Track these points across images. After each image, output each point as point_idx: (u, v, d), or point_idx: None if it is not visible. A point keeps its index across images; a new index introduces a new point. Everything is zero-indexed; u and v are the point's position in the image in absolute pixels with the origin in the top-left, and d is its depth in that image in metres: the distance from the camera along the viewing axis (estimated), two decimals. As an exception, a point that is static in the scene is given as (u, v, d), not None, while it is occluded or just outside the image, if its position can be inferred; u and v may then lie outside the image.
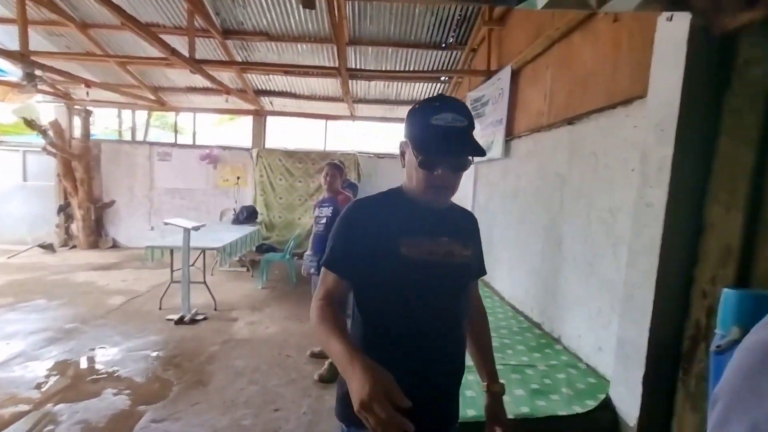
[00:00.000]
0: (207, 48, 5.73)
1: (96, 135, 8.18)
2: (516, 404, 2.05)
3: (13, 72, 6.35)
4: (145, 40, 3.89)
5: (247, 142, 8.06)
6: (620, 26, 2.40)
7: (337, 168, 3.06)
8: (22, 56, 4.34)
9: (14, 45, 5.18)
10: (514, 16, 4.23)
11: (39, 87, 6.50)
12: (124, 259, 6.74)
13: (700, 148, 1.68)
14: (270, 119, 8.17)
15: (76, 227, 7.59)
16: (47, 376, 2.78)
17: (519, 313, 3.53)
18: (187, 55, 4.55)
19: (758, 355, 0.40)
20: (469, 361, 1.16)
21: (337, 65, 5.18)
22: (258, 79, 6.80)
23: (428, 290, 0.99)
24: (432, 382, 1.00)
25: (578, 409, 2.00)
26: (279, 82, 6.83)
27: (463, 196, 5.62)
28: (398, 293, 0.99)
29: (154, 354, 3.19)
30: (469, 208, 5.12)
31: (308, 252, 3.06)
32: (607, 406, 1.99)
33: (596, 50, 2.67)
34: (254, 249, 6.39)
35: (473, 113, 5.23)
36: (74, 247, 7.60)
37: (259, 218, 7.04)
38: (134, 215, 7.88)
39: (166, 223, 4.11)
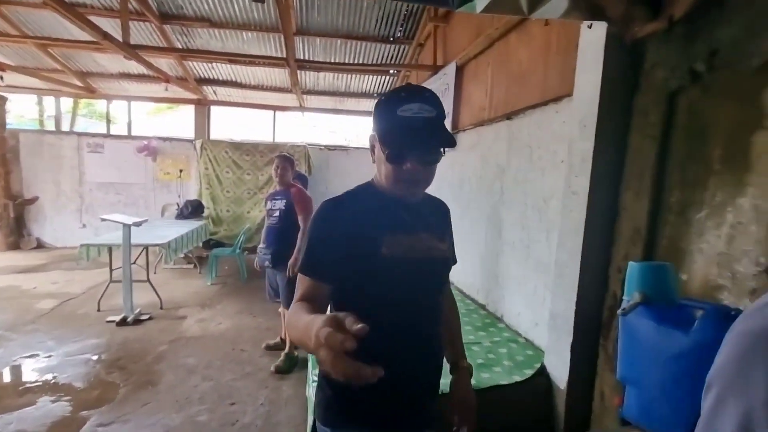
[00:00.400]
0: (143, 33, 5.37)
1: (12, 124, 7.35)
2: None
3: None
4: (72, 22, 3.58)
5: (189, 133, 7.67)
6: (551, 29, 2.63)
7: (287, 160, 3.05)
8: None
9: None
10: (458, 14, 4.41)
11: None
12: (52, 260, 6.19)
13: (615, 142, 1.91)
14: (215, 110, 7.83)
15: (-8, 227, 6.82)
16: (-30, 389, 2.55)
17: (466, 296, 3.76)
18: (120, 39, 4.24)
19: (748, 343, 0.41)
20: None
21: (284, 55, 5.09)
22: (200, 67, 6.49)
23: (411, 289, 0.96)
24: (418, 381, 0.99)
25: (517, 378, 2.21)
26: (223, 70, 6.56)
27: (413, 188, 5.79)
28: (380, 295, 0.93)
29: (95, 357, 3.02)
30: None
31: (261, 245, 3.04)
32: (542, 373, 2.22)
33: (531, 50, 2.89)
34: (201, 245, 6.15)
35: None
36: (-10, 249, 6.83)
37: (206, 212, 6.77)
38: (62, 212, 7.23)
39: (102, 219, 3.85)
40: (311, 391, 2.12)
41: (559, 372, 2.12)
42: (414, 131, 0.88)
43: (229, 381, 2.74)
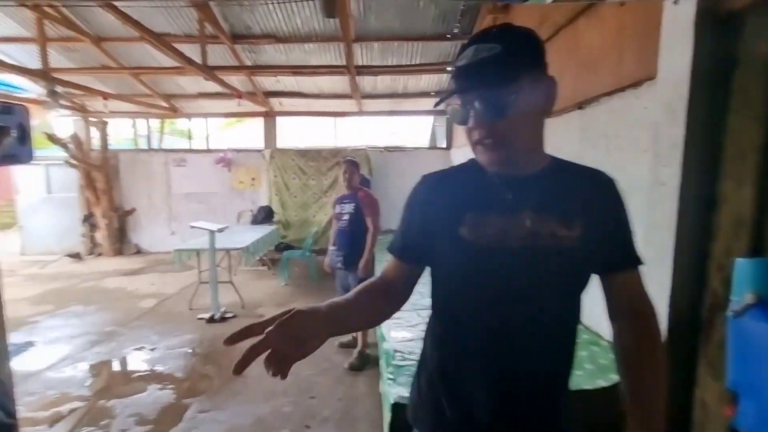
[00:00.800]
0: (217, 54, 5.85)
1: (111, 145, 8.42)
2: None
3: (32, 89, 6.59)
4: (161, 51, 4.02)
5: (258, 143, 8.21)
6: (625, 11, 2.45)
7: (354, 164, 3.16)
8: (44, 74, 4.52)
9: (32, 63, 5.40)
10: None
11: (60, 102, 6.74)
12: (148, 264, 6.98)
13: (710, 126, 1.73)
14: (280, 119, 8.31)
15: (100, 236, 7.85)
16: (94, 375, 2.98)
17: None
18: (200, 62, 4.68)
19: None
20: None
21: (344, 63, 5.26)
22: (267, 81, 6.92)
23: (501, 283, 0.75)
24: (514, 400, 0.78)
25: (603, 383, 2.09)
26: (288, 82, 6.94)
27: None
28: (462, 285, 0.80)
29: (191, 351, 3.36)
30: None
31: (332, 247, 3.18)
32: (629, 378, 2.08)
33: (602, 35, 2.71)
34: (273, 248, 6.56)
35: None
36: (100, 254, 7.87)
37: (276, 217, 7.20)
38: (155, 221, 8.11)
39: (192, 227, 4.28)
40: (386, 388, 2.18)
41: (651, 377, 1.97)
42: (466, 80, 0.72)
43: (308, 376, 2.90)
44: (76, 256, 7.54)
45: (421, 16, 5.10)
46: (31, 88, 6.56)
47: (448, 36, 5.49)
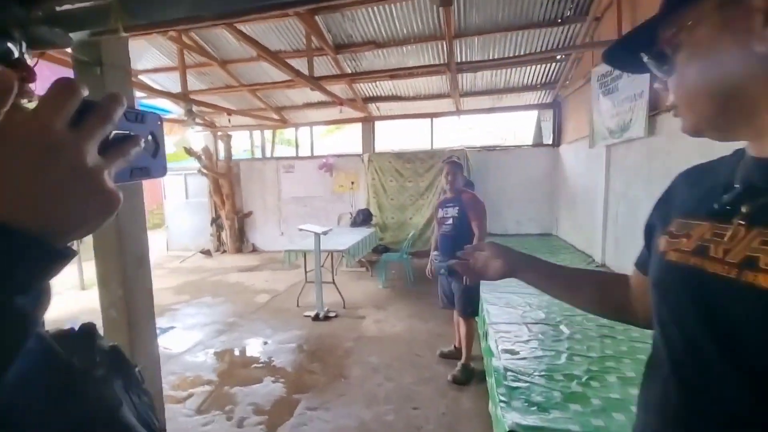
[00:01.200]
0: (321, 65, 6.19)
1: (235, 156, 9.54)
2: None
3: (173, 110, 7.75)
4: (275, 66, 4.35)
5: (357, 148, 8.51)
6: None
7: (457, 166, 2.98)
8: (184, 96, 5.25)
9: (172, 87, 6.33)
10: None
11: (195, 120, 7.83)
12: (263, 261, 7.69)
13: None
14: (378, 123, 8.50)
15: (225, 235, 8.92)
16: (221, 361, 3.30)
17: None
18: (307, 74, 4.97)
19: None
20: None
21: (444, 61, 5.11)
22: (366, 87, 7.11)
23: (682, 326, 0.53)
24: None
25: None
26: (385, 87, 7.04)
27: (592, 184, 5.05)
28: (657, 311, 0.59)
29: (300, 347, 3.54)
30: (601, 198, 4.62)
31: (435, 252, 3.05)
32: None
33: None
34: (372, 250, 6.70)
35: (602, 90, 4.59)
36: (224, 251, 8.94)
37: (374, 220, 7.35)
38: (267, 223, 8.94)
39: (300, 230, 4.55)
40: (499, 411, 1.97)
41: None
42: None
43: (409, 384, 2.82)
44: (207, 253, 8.68)
45: (528, 1, 4.71)
46: (172, 109, 7.75)
47: (560, 20, 4.97)
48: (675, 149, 3.19)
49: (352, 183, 8.08)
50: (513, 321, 3.11)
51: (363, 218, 7.23)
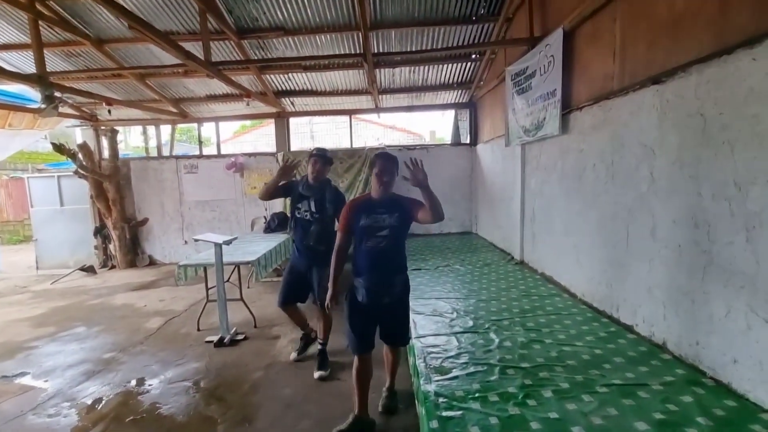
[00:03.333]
0: (223, 51, 5.46)
1: (129, 154, 8.19)
2: (645, 445, 1.58)
3: (37, 97, 6.34)
4: (161, 47, 3.62)
5: (272, 147, 7.82)
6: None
7: (393, 162, 2.27)
8: (39, 78, 4.19)
9: (33, 69, 5.10)
10: (562, -31, 3.67)
11: (61, 110, 6.48)
12: (161, 276, 6.65)
13: None
14: (293, 121, 7.89)
15: (113, 247, 7.60)
16: (82, 419, 2.55)
17: (600, 313, 3.03)
18: (202, 59, 4.27)
19: None
20: None
21: (360, 52, 4.76)
22: (278, 80, 6.50)
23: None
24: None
25: None
26: (299, 80, 6.51)
27: (509, 182, 5.10)
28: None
29: (195, 386, 2.91)
30: (518, 197, 4.65)
31: (360, 278, 2.63)
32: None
33: (696, -19, 2.13)
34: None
35: (516, 89, 4.63)
36: (113, 267, 7.61)
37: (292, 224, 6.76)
38: (168, 231, 7.81)
39: (196, 240, 3.86)
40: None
41: (814, 448, 1.39)
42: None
43: (328, 419, 2.41)
44: (89, 270, 7.28)
45: (444, -4, 4.57)
46: (37, 97, 6.33)
47: (474, 18, 4.93)
48: (587, 146, 3.22)
49: (266, 184, 7.36)
50: (441, 332, 2.87)
51: (279, 222, 6.59)
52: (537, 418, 1.80)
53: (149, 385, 2.93)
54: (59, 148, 6.57)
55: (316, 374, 2.97)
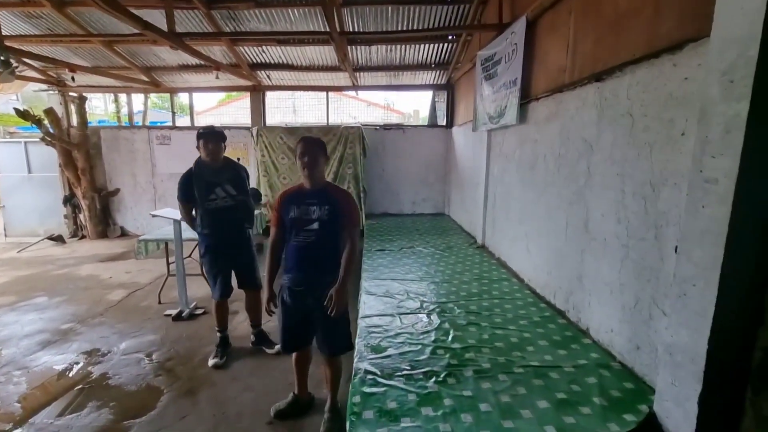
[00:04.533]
0: (192, 21, 5.29)
1: (105, 121, 7.97)
2: (540, 422, 1.73)
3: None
4: (114, 16, 3.50)
5: (247, 120, 7.71)
6: (667, -54, 1.90)
7: (319, 147, 2.13)
8: (-8, 41, 4.03)
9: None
10: (529, -45, 3.63)
11: (25, 73, 6.25)
12: (130, 248, 6.62)
13: (788, 102, 1.24)
14: (271, 96, 7.76)
15: (83, 217, 7.51)
16: (32, 388, 2.63)
17: (540, 298, 3.18)
18: (166, 29, 4.15)
19: None
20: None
21: (336, 29, 4.68)
22: (251, 52, 6.35)
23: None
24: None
25: (616, 428, 1.68)
26: (274, 53, 6.36)
27: (477, 167, 5.18)
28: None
29: (148, 357, 3.00)
30: (482, 182, 4.74)
31: (288, 275, 2.65)
32: (651, 423, 1.66)
33: (633, -17, 2.16)
34: (262, 232, 6.15)
35: (484, 74, 4.63)
36: (84, 237, 7.55)
37: (263, 200, 6.77)
38: (140, 202, 7.73)
39: (153, 216, 3.88)
40: (348, 427, 1.79)
41: (679, 427, 1.55)
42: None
43: (270, 392, 2.53)
44: (58, 239, 7.22)
45: (417, -26, 4.48)
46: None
47: (448, -1, 4.86)
48: (541, 137, 3.29)
49: (239, 159, 7.29)
50: (387, 312, 3.00)
51: (252, 197, 6.58)
52: (451, 395, 1.94)
53: (102, 356, 3.01)
54: (23, 114, 6.38)
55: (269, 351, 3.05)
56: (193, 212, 2.96)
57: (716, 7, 1.37)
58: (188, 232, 4.02)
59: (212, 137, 2.80)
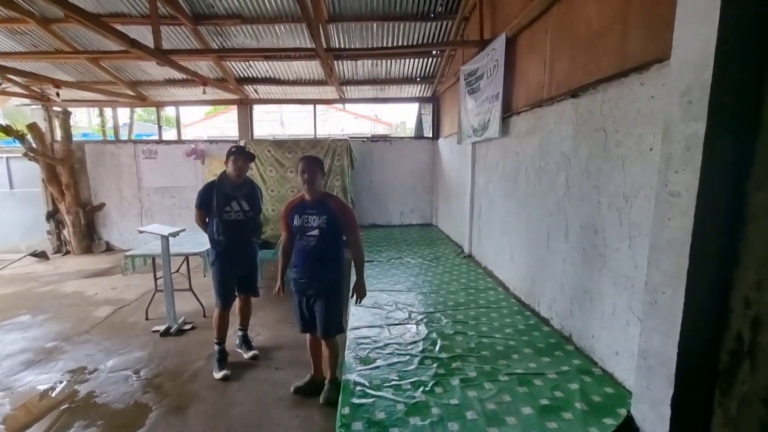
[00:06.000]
0: (179, 37, 5.34)
1: (89, 134, 7.89)
2: (524, 428, 1.79)
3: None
4: (97, 32, 3.53)
5: (234, 133, 7.73)
6: (631, -25, 2.03)
7: (317, 163, 2.45)
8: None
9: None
10: (507, -24, 3.79)
11: (7, 89, 6.20)
12: (116, 263, 6.53)
13: (740, 122, 1.34)
14: (259, 109, 7.81)
15: (67, 233, 7.39)
16: (15, 409, 2.59)
17: (525, 307, 3.26)
18: (152, 45, 4.19)
19: None
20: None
21: (323, 46, 4.77)
22: (238, 67, 6.41)
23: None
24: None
25: (595, 432, 1.74)
26: (261, 68, 6.44)
27: (462, 179, 5.29)
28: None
29: (135, 374, 2.98)
30: (468, 193, 4.84)
31: (295, 268, 2.73)
32: (628, 426, 1.73)
33: (603, 6, 2.29)
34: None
35: (468, 89, 4.76)
36: (68, 253, 7.42)
37: (253, 213, 6.76)
38: (126, 217, 7.65)
39: (140, 232, 3.86)
40: (340, 436, 1.82)
41: (655, 429, 1.61)
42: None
43: (260, 406, 2.54)
44: (41, 255, 7.08)
45: (401, -7, 4.62)
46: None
47: (432, 15, 5.01)
48: (522, 150, 3.41)
49: (224, 172, 7.30)
50: (375, 324, 3.03)
51: (239, 211, 6.58)
52: (439, 404, 1.98)
53: (88, 374, 2.98)
54: (5, 129, 6.31)
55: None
56: (206, 220, 3.19)
57: (675, 32, 1.48)
58: (176, 247, 4.03)
59: (243, 155, 3.01)
